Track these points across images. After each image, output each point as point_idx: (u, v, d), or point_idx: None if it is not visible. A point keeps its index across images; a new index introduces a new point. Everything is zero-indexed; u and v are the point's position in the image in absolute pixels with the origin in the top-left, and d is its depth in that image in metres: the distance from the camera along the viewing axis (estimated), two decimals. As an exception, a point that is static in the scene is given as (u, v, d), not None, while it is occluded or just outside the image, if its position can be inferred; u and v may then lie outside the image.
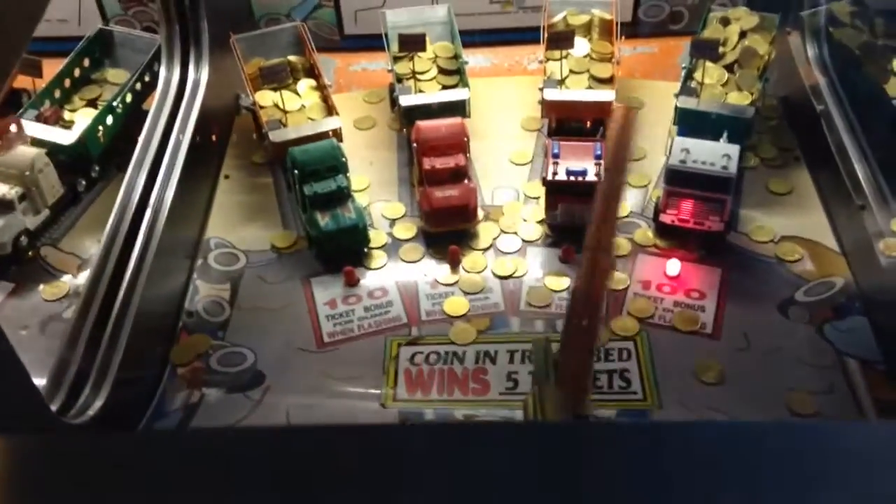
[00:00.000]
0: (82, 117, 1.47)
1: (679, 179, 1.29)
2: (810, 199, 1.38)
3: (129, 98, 1.49)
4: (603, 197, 0.95)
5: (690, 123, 1.36)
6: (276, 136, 1.39)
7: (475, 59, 1.70)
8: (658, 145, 1.47)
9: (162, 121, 1.43)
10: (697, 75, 1.40)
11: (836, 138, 1.34)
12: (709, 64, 1.39)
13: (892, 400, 1.12)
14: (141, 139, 1.39)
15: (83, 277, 1.29)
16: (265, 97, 1.47)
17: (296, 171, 1.33)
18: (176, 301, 1.29)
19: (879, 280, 1.20)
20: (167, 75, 1.48)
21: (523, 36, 1.64)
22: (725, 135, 1.32)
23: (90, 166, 1.44)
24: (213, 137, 1.53)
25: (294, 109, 1.46)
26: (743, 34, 1.45)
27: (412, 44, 1.44)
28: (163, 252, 1.27)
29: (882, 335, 1.18)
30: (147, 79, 1.52)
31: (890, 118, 1.31)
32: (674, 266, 1.30)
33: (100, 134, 1.44)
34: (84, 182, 1.43)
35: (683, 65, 1.44)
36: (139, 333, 1.17)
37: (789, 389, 1.14)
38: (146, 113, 1.44)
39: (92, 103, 1.50)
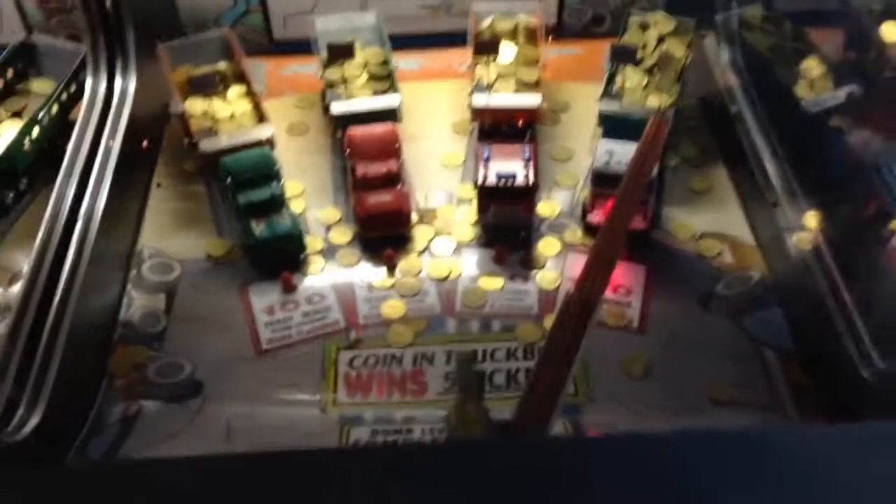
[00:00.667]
0: (8, 130, 1.44)
1: (604, 181, 1.34)
2: (728, 197, 1.45)
3: (55, 109, 1.47)
4: (626, 193, 0.98)
5: (613, 126, 1.42)
6: (206, 145, 1.39)
7: (406, 62, 1.73)
8: (585, 147, 1.52)
9: (90, 131, 1.41)
10: (618, 79, 1.45)
11: (749, 138, 1.41)
12: (629, 68, 1.44)
13: (806, 386, 1.19)
14: (69, 150, 1.37)
15: (14, 291, 1.27)
16: (195, 105, 1.47)
17: (229, 180, 1.34)
18: (111, 313, 1.28)
19: (792, 272, 1.27)
20: (94, 85, 1.46)
21: (453, 39, 1.67)
22: (647, 136, 1.37)
23: (18, 179, 1.41)
24: (144, 145, 1.52)
25: (225, 117, 1.46)
26: (661, 38, 1.51)
27: (341, 53, 1.45)
28: (95, 263, 1.26)
29: (795, 325, 1.25)
30: (73, 89, 1.50)
31: (798, 119, 1.38)
32: (601, 264, 1.34)
33: (26, 146, 1.41)
34: (12, 195, 1.41)
35: (606, 69, 1.49)
36: (74, 347, 1.17)
37: (711, 380, 1.20)
38: (73, 123, 1.42)
39: (17, 115, 1.48)
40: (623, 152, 1.34)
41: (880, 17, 1.46)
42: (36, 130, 1.43)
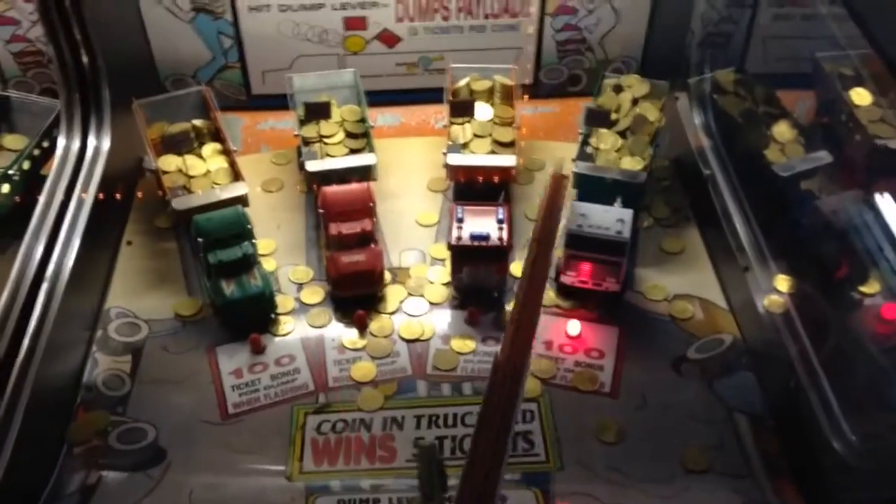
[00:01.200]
0: (-24, 185, 1.43)
1: (578, 243, 1.34)
2: (701, 258, 1.45)
3: (26, 165, 1.46)
4: (534, 267, 0.99)
5: (587, 187, 1.42)
6: (179, 203, 1.39)
7: (384, 117, 1.74)
8: (559, 206, 1.52)
9: (61, 187, 1.40)
10: (593, 141, 1.46)
11: (721, 201, 1.42)
12: (603, 130, 1.45)
13: (778, 454, 1.18)
14: (39, 207, 1.36)
15: (-24, 351, 1.24)
16: (169, 162, 1.47)
17: (200, 240, 1.33)
18: (74, 375, 1.26)
19: (763, 336, 1.27)
20: (67, 142, 1.45)
21: (430, 96, 1.68)
22: (619, 199, 1.38)
23: (-15, 235, 1.40)
24: (117, 199, 1.51)
25: (199, 175, 1.46)
26: (635, 101, 1.52)
27: (317, 112, 1.46)
28: (61, 324, 1.24)
29: (767, 390, 1.24)
30: (46, 144, 1.49)
31: (769, 182, 1.39)
32: (574, 326, 1.34)
33: (-5, 202, 1.40)
34: (-22, 252, 1.39)
35: (581, 130, 1.50)
36: (35, 411, 1.14)
37: (683, 445, 1.19)
38: (45, 179, 1.41)
39: (-13, 170, 1.47)
40: (595, 215, 1.34)
41: (850, 82, 1.48)
42: (6, 187, 1.42)
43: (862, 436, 1.06)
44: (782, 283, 1.30)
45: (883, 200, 1.28)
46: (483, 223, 1.36)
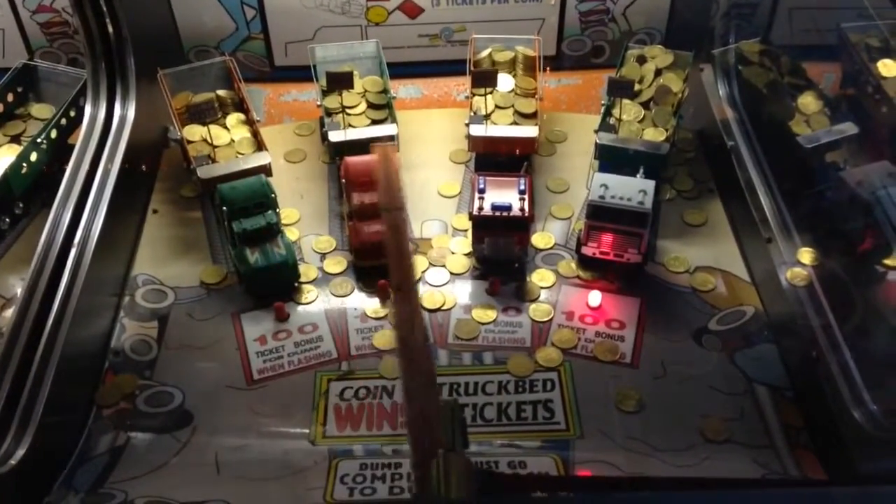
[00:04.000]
0: (6, 154, 1.45)
1: (599, 214, 1.34)
2: (723, 230, 1.45)
3: (53, 134, 1.47)
4: (392, 236, 0.97)
5: (610, 158, 1.42)
6: (204, 172, 1.40)
7: (406, 89, 1.74)
8: (581, 177, 1.52)
9: (88, 156, 1.42)
10: (615, 112, 1.45)
11: (745, 173, 1.41)
12: (626, 101, 1.45)
13: (799, 426, 1.18)
14: (66, 175, 1.38)
15: (7, 317, 1.27)
16: (193, 132, 1.48)
17: (224, 208, 1.34)
18: (102, 340, 1.28)
19: (786, 309, 1.26)
20: (93, 111, 1.47)
21: (452, 68, 1.68)
22: (642, 170, 1.38)
23: (14, 203, 1.42)
24: (143, 169, 1.52)
25: (223, 144, 1.47)
26: (658, 72, 1.51)
27: (339, 82, 1.46)
28: (89, 290, 1.27)
29: (789, 362, 1.24)
30: (73, 114, 1.51)
31: (794, 154, 1.38)
32: (595, 297, 1.34)
33: (24, 170, 1.42)
34: (7, 220, 1.41)
35: (603, 101, 1.49)
36: (64, 375, 1.17)
37: (703, 416, 1.19)
38: (72, 148, 1.43)
39: (16, 139, 1.48)
40: (617, 186, 1.34)
41: (878, 53, 1.46)
42: (34, 155, 1.44)
43: (883, 406, 1.06)
44: (806, 255, 1.29)
45: (909, 173, 1.26)
46: (505, 194, 1.37)
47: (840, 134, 1.38)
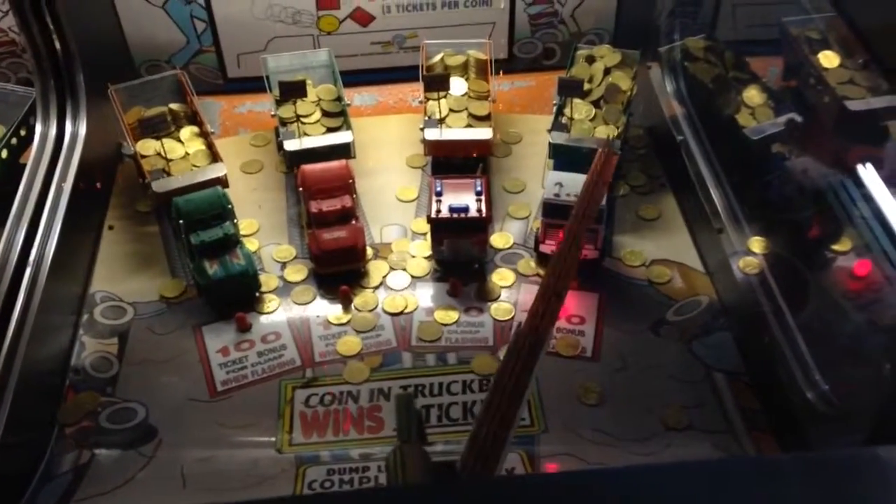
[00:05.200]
0: (-45, 175, 1.43)
1: (555, 212, 1.36)
2: (677, 223, 1.48)
3: (4, 153, 1.46)
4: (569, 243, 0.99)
5: (563, 157, 1.44)
6: (159, 186, 1.39)
7: (361, 97, 1.75)
8: (536, 177, 1.54)
9: (40, 174, 1.40)
10: (567, 111, 1.48)
11: (695, 166, 1.45)
12: (577, 101, 1.47)
13: (755, 409, 1.21)
14: (19, 194, 1.36)
15: (-38, 340, 1.25)
16: (147, 146, 1.47)
17: (181, 221, 1.34)
18: (62, 359, 1.27)
19: (739, 297, 1.30)
20: (44, 129, 1.45)
21: (406, 74, 1.69)
22: (595, 167, 1.40)
23: (-34, 225, 1.40)
24: (97, 186, 1.51)
25: (177, 158, 1.46)
26: (607, 71, 1.54)
27: (293, 91, 1.46)
28: (46, 309, 1.25)
29: (743, 348, 1.27)
30: (23, 133, 1.50)
31: (741, 146, 1.41)
32: (555, 294, 1.36)
33: (-26, 191, 1.40)
34: (-41, 241, 1.39)
35: (555, 101, 1.52)
36: (24, 395, 1.15)
37: (663, 405, 1.22)
38: (24, 168, 1.42)
39: (-35, 160, 1.47)
40: (571, 183, 1.36)
41: (818, 45, 1.51)
42: (-16, 176, 1.42)
43: (834, 385, 1.09)
44: (756, 244, 1.33)
45: (852, 159, 1.31)
46: (462, 196, 1.38)
47: (784, 126, 1.42)
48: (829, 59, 1.49)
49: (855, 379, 1.11)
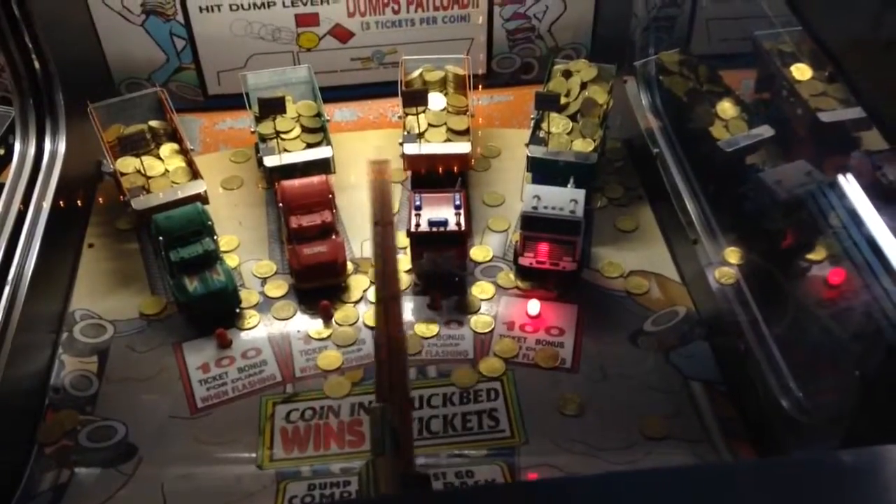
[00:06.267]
0: (-68, 194, 1.42)
1: (533, 224, 1.38)
2: (654, 235, 1.50)
3: (-18, 172, 1.46)
4: (381, 250, 1.00)
5: (541, 170, 1.46)
6: (138, 203, 1.40)
7: (342, 112, 1.76)
8: (515, 190, 1.56)
9: (19, 193, 1.40)
10: (545, 125, 1.50)
11: (671, 178, 1.46)
12: (554, 115, 1.49)
13: (732, 417, 1.22)
14: (-3, 213, 1.36)
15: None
16: (127, 164, 1.47)
17: (161, 238, 1.34)
18: (40, 378, 1.26)
19: (715, 307, 1.31)
20: (22, 148, 1.45)
21: (386, 90, 1.70)
22: (572, 180, 1.42)
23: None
24: (77, 204, 1.51)
25: (157, 175, 1.47)
26: (584, 85, 1.56)
27: (272, 107, 1.47)
28: (25, 327, 1.25)
29: (720, 358, 1.29)
30: (2, 151, 1.50)
31: (715, 158, 1.44)
32: (534, 306, 1.38)
33: (-48, 211, 1.40)
34: (-63, 261, 1.38)
35: (532, 115, 1.53)
36: (3, 414, 1.15)
37: (642, 415, 1.23)
38: (2, 186, 1.41)
39: (-57, 180, 1.46)
40: (549, 196, 1.37)
41: (790, 59, 1.54)
42: (-37, 195, 1.42)
43: (808, 393, 1.10)
44: (731, 255, 1.35)
45: (825, 170, 1.33)
46: (441, 210, 1.39)
47: (758, 137, 1.45)
48: (801, 71, 1.52)
49: (828, 386, 1.12)
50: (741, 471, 0.64)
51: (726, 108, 1.49)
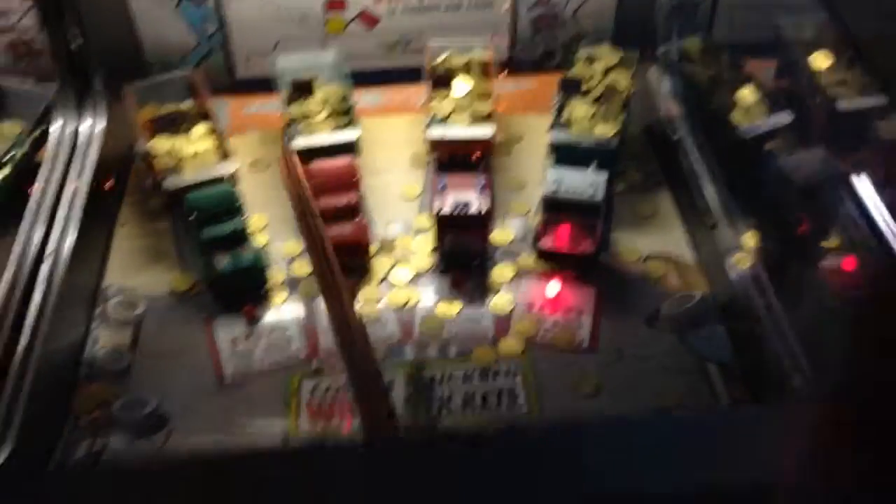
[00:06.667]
0: (-26, 173, 1.48)
1: (554, 208, 1.40)
2: (672, 220, 1.52)
3: (22, 152, 1.51)
4: (310, 235, 1.04)
5: (563, 155, 1.48)
6: (170, 183, 1.44)
7: (367, 97, 1.79)
8: (537, 175, 1.58)
9: (57, 172, 1.45)
10: (567, 110, 1.52)
11: (690, 164, 1.48)
12: (576, 99, 1.51)
13: (746, 399, 1.25)
14: (35, 191, 1.41)
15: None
16: (159, 144, 1.52)
17: (192, 216, 1.38)
18: (76, 351, 1.32)
19: (731, 291, 1.34)
20: (61, 127, 1.50)
21: (411, 75, 1.73)
22: (594, 164, 1.44)
23: (-16, 221, 1.45)
24: (111, 184, 1.56)
25: (188, 155, 1.51)
26: (607, 70, 1.58)
27: (301, 90, 1.51)
28: (62, 302, 1.30)
29: (736, 341, 1.31)
30: (41, 131, 1.54)
31: (735, 144, 1.45)
32: (553, 288, 1.41)
33: (-7, 188, 1.45)
34: (-21, 237, 1.44)
35: (555, 101, 1.56)
36: (40, 386, 1.20)
37: (657, 395, 1.26)
38: (40, 166, 1.46)
39: (-16, 158, 1.52)
40: (570, 180, 1.40)
41: (810, 48, 1.55)
42: (2, 173, 1.47)
43: (819, 373, 1.12)
44: (748, 239, 1.37)
45: (843, 158, 1.34)
46: (464, 193, 1.42)
47: (777, 124, 1.46)
48: (821, 60, 1.53)
49: (839, 367, 1.14)
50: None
51: (747, 94, 1.50)
